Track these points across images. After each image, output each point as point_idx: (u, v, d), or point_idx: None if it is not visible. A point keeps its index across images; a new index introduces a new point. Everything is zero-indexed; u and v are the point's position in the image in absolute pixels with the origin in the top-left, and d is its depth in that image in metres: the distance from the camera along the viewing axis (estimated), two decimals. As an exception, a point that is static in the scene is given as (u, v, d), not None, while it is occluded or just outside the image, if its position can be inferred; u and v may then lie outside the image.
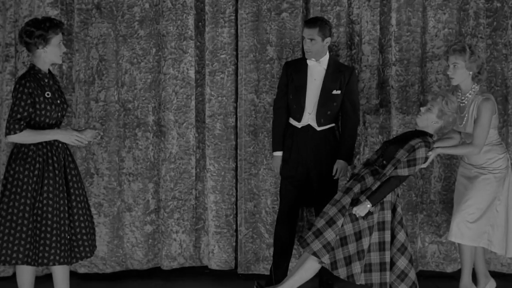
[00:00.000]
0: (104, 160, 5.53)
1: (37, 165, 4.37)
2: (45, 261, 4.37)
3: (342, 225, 4.71)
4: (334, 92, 5.18)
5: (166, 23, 5.48)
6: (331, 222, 4.70)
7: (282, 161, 5.28)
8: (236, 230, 5.65)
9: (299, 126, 5.22)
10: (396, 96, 5.55)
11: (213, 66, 5.53)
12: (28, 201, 4.35)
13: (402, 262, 4.76)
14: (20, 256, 4.36)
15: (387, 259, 4.75)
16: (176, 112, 5.54)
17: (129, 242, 5.61)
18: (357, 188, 4.76)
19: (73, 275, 5.60)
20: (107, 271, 5.60)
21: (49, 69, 4.48)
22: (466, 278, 5.02)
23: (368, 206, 4.68)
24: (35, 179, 4.36)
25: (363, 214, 4.69)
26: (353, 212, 4.69)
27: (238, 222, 5.63)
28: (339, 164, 5.22)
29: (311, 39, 5.09)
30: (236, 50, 5.55)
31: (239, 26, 5.52)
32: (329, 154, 5.21)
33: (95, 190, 5.54)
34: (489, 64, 5.57)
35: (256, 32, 5.52)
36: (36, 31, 4.31)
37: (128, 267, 5.64)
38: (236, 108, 5.58)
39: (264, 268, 5.63)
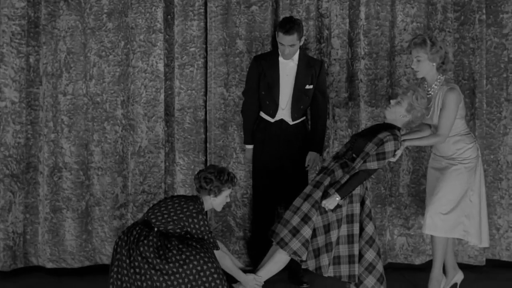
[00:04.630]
0: (72, 154, 5.48)
1: None
2: None
3: (312, 218, 4.72)
4: (307, 87, 5.23)
5: (134, 15, 5.44)
6: (306, 219, 4.69)
7: (254, 155, 5.31)
8: (206, 224, 5.63)
9: (272, 121, 5.25)
10: (365, 89, 5.57)
11: (182, 59, 5.50)
12: None
13: (370, 255, 4.78)
14: None
15: (356, 252, 4.76)
16: (145, 105, 5.50)
17: (98, 236, 5.56)
18: (327, 182, 4.76)
19: (40, 270, 5.57)
20: (75, 266, 5.55)
21: None
22: (437, 270, 5.02)
23: (337, 199, 4.69)
24: None
25: (332, 207, 4.70)
26: (322, 205, 4.70)
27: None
28: (312, 155, 5.28)
29: (292, 45, 5.10)
30: (206, 43, 5.53)
31: (208, 19, 5.50)
32: (301, 146, 5.27)
33: (63, 185, 5.49)
34: (456, 58, 5.61)
35: (226, 25, 5.51)
36: (215, 181, 4.55)
37: (97, 262, 5.59)
38: (205, 101, 5.56)
39: (233, 261, 5.62)
